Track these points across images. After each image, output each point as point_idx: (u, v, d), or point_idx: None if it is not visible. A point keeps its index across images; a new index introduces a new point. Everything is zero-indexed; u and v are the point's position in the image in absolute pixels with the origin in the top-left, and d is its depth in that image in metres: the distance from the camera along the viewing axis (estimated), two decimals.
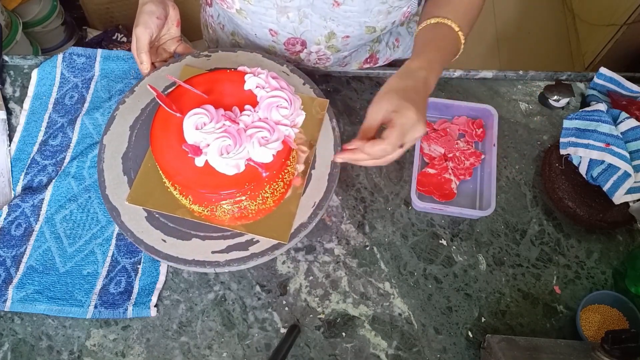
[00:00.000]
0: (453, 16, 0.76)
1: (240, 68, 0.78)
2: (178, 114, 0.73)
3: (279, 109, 0.73)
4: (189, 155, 0.70)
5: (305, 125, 0.78)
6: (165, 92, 0.81)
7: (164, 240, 0.77)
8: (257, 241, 0.77)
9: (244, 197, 0.71)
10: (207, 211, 0.74)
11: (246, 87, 0.75)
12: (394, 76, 0.70)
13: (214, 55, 0.89)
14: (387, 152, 0.66)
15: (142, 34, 0.81)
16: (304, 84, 0.86)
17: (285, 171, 0.74)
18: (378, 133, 0.68)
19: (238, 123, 0.72)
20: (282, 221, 0.77)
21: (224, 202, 0.72)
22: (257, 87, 0.75)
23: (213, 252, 0.76)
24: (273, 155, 0.71)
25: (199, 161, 0.70)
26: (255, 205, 0.74)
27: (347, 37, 0.85)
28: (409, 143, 0.67)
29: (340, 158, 0.70)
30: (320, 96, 0.84)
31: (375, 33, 0.85)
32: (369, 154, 0.67)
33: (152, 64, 0.87)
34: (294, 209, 0.78)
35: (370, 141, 0.66)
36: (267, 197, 0.74)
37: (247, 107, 0.74)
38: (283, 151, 0.72)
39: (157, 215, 0.78)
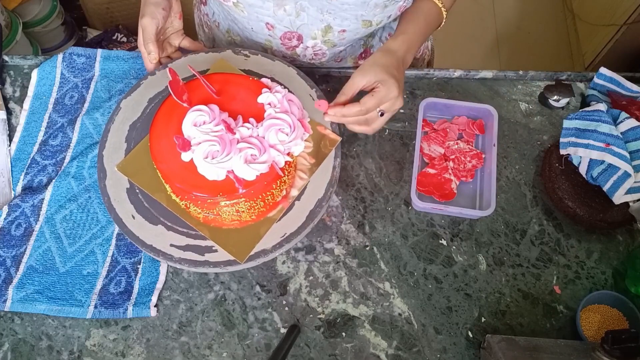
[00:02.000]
0: None
1: (263, 80, 0.77)
2: (185, 104, 0.73)
3: (278, 133, 0.72)
4: (177, 148, 0.70)
5: (310, 155, 0.79)
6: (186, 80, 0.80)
7: (133, 217, 0.78)
8: (216, 250, 0.76)
9: (219, 204, 0.71)
10: (183, 204, 0.75)
11: (259, 99, 0.75)
12: (377, 52, 0.79)
13: (252, 57, 0.89)
14: (361, 114, 0.76)
15: (148, 25, 0.82)
16: (324, 113, 0.84)
17: (268, 193, 0.73)
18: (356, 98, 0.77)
19: (234, 133, 0.71)
20: (246, 240, 0.76)
21: (196, 202, 0.72)
22: (269, 103, 0.74)
23: (171, 245, 0.77)
24: (256, 175, 0.70)
25: (185, 156, 0.71)
26: (229, 215, 0.74)
27: (344, 31, 0.85)
28: (390, 113, 0.78)
29: (327, 115, 0.77)
30: (335, 131, 0.83)
31: (371, 27, 0.85)
32: (345, 114, 0.76)
33: (159, 59, 0.87)
34: (263, 232, 0.77)
35: (349, 104, 0.76)
36: (243, 212, 0.74)
37: (251, 119, 0.73)
38: (268, 174, 0.70)
39: (137, 191, 0.79)
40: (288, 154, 0.73)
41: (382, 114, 0.77)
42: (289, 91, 0.77)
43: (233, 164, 0.69)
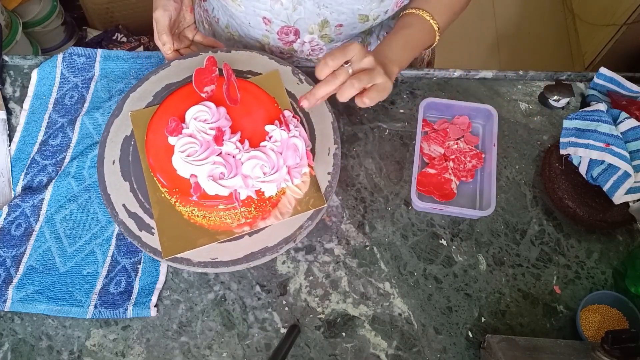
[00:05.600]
0: (435, 12, 0.82)
1: (285, 112, 0.75)
2: (203, 95, 0.73)
3: (256, 167, 0.70)
4: (165, 129, 0.70)
5: (296, 201, 0.77)
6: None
7: (113, 162, 0.80)
8: (153, 233, 0.76)
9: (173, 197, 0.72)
10: (154, 178, 0.75)
11: (266, 127, 0.73)
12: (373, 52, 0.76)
13: (305, 85, 0.85)
14: (327, 67, 0.70)
15: (161, 16, 0.83)
16: (328, 172, 0.80)
17: (227, 214, 0.72)
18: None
19: (221, 145, 0.70)
20: (182, 240, 0.75)
21: (159, 182, 0.72)
22: (270, 136, 0.72)
23: (123, 205, 0.78)
24: (215, 193, 0.69)
25: (171, 140, 0.71)
26: (185, 211, 0.74)
27: (340, 25, 0.85)
28: (366, 75, 0.72)
29: (303, 102, 0.73)
30: (328, 193, 0.78)
31: (368, 22, 0.85)
32: (317, 89, 0.71)
33: (177, 50, 0.88)
34: (199, 244, 0.75)
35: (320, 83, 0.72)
36: (197, 215, 0.74)
37: (246, 141, 0.72)
38: (225, 198, 0.69)
39: (132, 143, 0.81)
40: (257, 192, 0.70)
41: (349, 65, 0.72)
42: (303, 136, 0.74)
43: (200, 171, 0.69)
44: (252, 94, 0.76)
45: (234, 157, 0.70)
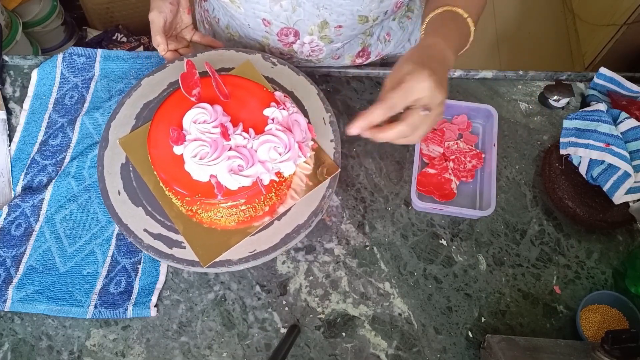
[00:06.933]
0: (463, 4, 0.74)
1: (276, 93, 0.76)
2: (193, 99, 0.73)
3: (271, 150, 0.70)
4: (170, 140, 0.70)
5: (307, 177, 0.79)
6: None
7: (119, 193, 0.79)
8: (184, 247, 0.76)
9: (197, 203, 0.71)
10: (167, 191, 0.75)
11: (265, 112, 0.74)
12: (411, 49, 0.68)
13: (279, 66, 0.87)
14: (388, 111, 0.62)
15: (156, 17, 0.84)
16: (331, 140, 0.83)
17: (250, 206, 0.73)
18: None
19: (229, 139, 0.70)
20: (216, 246, 0.75)
21: (177, 195, 0.72)
22: (272, 118, 0.73)
23: (144, 230, 0.77)
24: (238, 186, 0.69)
25: (177, 150, 0.71)
26: (207, 216, 0.74)
27: (340, 26, 0.86)
28: (434, 111, 0.63)
29: (352, 130, 0.64)
30: (337, 161, 0.80)
31: (367, 23, 0.85)
32: (371, 120, 0.62)
33: (176, 51, 0.89)
34: (233, 242, 0.76)
35: (370, 108, 0.62)
36: (222, 217, 0.74)
37: (250, 130, 0.72)
38: (250, 188, 0.69)
39: (130, 169, 0.80)
40: (277, 174, 0.71)
41: (424, 111, 0.62)
42: (299, 111, 0.75)
43: (218, 169, 0.69)
44: (238, 85, 0.76)
45: (245, 147, 0.71)
